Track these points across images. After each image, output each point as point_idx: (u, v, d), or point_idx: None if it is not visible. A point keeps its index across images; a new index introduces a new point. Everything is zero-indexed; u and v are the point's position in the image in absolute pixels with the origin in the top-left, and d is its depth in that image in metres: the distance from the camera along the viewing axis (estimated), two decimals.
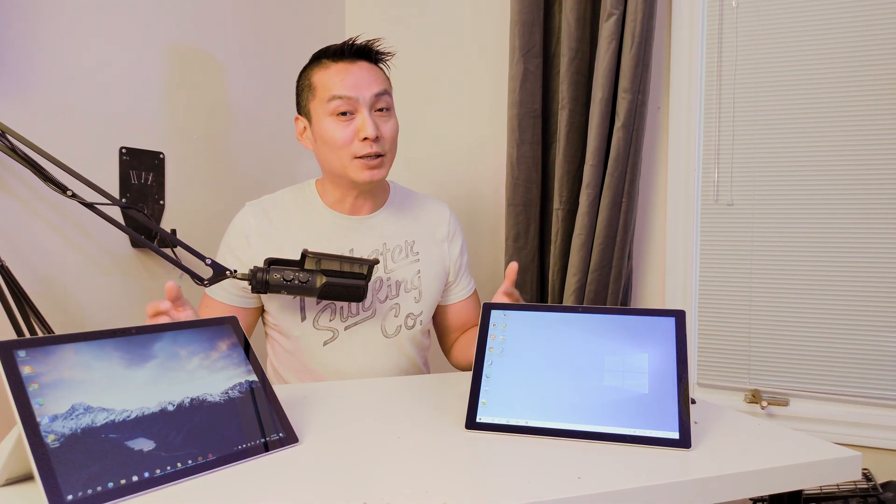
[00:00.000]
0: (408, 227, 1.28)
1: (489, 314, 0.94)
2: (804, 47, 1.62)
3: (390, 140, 1.18)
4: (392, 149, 1.20)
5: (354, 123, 1.14)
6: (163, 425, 0.72)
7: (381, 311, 1.23)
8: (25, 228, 1.25)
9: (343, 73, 1.15)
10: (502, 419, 0.84)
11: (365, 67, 1.17)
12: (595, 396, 0.84)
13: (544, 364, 0.88)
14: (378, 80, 1.17)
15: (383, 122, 1.17)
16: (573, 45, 1.66)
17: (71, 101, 1.33)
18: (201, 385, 0.77)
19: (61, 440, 0.64)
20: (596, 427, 0.81)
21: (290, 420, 0.81)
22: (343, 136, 1.15)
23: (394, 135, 1.19)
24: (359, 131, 1.14)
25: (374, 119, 1.15)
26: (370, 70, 1.18)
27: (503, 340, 0.91)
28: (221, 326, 0.84)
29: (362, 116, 1.14)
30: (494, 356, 0.90)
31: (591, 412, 0.83)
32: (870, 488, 1.45)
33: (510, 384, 0.87)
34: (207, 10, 1.64)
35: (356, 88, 1.14)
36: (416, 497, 0.64)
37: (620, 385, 0.84)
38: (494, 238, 1.93)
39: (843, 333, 1.60)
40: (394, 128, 1.20)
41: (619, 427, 0.81)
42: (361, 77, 1.15)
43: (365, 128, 1.13)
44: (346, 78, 1.15)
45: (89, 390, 0.68)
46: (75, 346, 0.70)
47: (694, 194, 1.72)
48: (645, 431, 0.80)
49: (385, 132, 1.17)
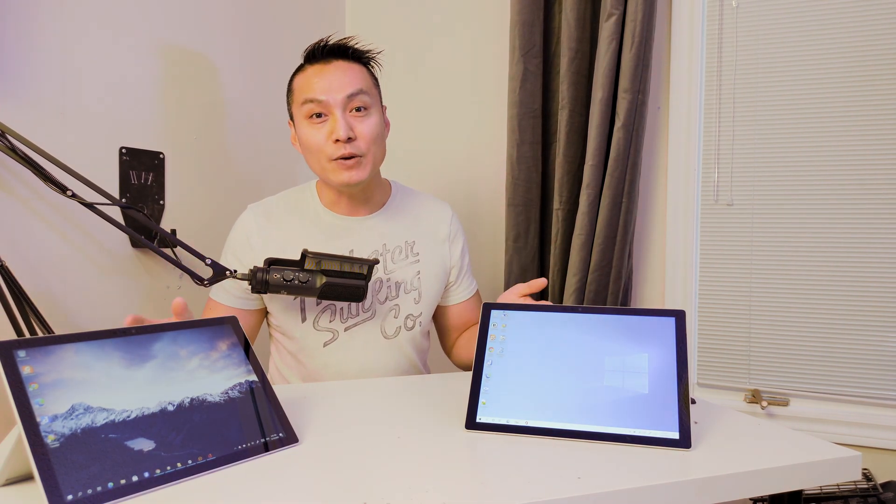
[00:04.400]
0: (408, 227, 1.27)
1: (489, 314, 0.94)
2: (804, 47, 1.62)
3: (368, 139, 1.15)
4: (372, 148, 1.16)
5: (327, 125, 1.13)
6: (163, 425, 0.72)
7: (381, 313, 1.23)
8: (25, 228, 1.25)
9: (317, 75, 1.14)
10: (502, 419, 0.84)
11: (341, 67, 1.15)
12: (595, 396, 0.84)
13: (544, 364, 0.88)
14: (353, 80, 1.14)
15: (359, 121, 1.14)
16: (573, 45, 1.66)
17: (71, 101, 1.33)
18: (201, 385, 0.77)
19: (61, 440, 0.64)
20: (596, 427, 0.81)
21: (290, 420, 0.81)
22: (317, 139, 1.14)
23: (373, 134, 1.15)
24: (331, 133, 1.12)
25: (346, 120, 1.12)
26: (346, 70, 1.15)
27: (503, 340, 0.91)
28: (221, 326, 0.84)
29: (334, 118, 1.12)
30: (494, 356, 0.90)
31: (591, 412, 0.83)
32: (870, 488, 1.45)
33: (510, 384, 0.87)
34: (207, 10, 1.64)
35: (328, 91, 1.12)
36: (415, 497, 0.64)
37: (620, 385, 0.84)
38: (494, 238, 1.93)
39: (843, 333, 1.60)
40: (372, 127, 1.16)
41: (620, 427, 0.81)
42: (334, 78, 1.13)
43: (336, 129, 1.11)
44: (319, 80, 1.13)
45: (89, 390, 0.68)
46: (75, 346, 0.70)
47: (694, 194, 1.72)
48: (645, 431, 0.80)
49: (361, 132, 1.14)
